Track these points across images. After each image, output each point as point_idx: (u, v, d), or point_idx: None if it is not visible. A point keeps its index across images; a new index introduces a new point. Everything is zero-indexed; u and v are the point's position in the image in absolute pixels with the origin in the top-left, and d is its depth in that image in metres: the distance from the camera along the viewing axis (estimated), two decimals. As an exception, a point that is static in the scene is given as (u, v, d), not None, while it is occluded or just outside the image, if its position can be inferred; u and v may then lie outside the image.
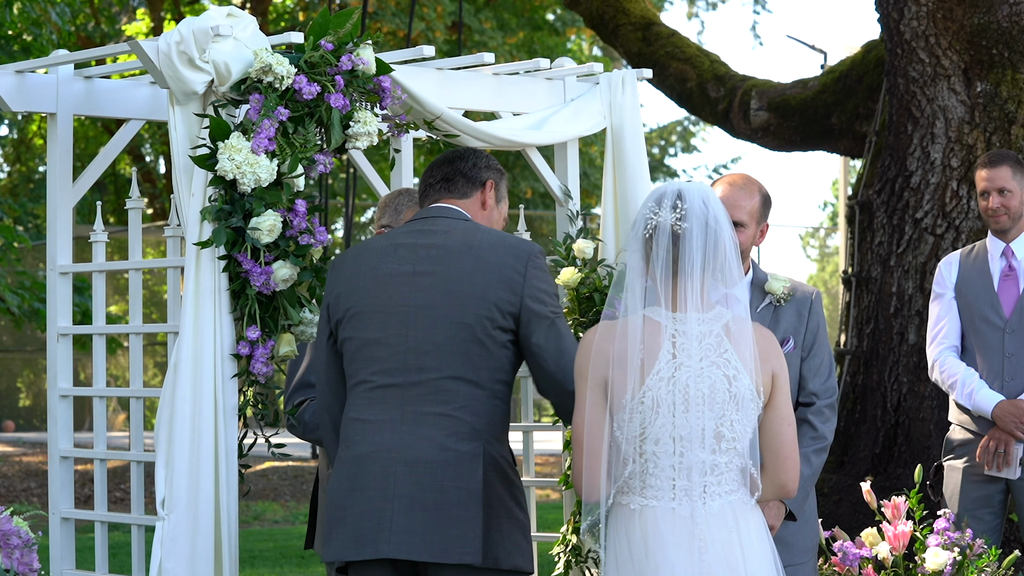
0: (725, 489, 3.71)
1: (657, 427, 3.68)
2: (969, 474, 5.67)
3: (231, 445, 4.74)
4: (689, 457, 3.68)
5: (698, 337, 3.71)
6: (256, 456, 5.40)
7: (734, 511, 3.72)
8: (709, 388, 3.68)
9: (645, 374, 3.69)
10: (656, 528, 3.69)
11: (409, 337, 4.16)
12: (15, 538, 4.84)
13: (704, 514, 3.68)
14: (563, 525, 5.67)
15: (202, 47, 4.68)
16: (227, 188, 4.68)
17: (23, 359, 27.45)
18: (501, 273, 4.17)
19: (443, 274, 4.18)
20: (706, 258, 3.71)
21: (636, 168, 5.72)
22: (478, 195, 4.41)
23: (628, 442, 3.71)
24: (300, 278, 4.73)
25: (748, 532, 3.72)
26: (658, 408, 3.68)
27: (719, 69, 9.84)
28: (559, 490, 5.68)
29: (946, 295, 5.82)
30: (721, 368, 3.70)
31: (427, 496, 4.06)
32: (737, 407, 3.70)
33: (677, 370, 3.69)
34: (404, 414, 4.12)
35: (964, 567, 4.85)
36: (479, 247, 4.22)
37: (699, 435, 3.68)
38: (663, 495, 3.69)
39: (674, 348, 3.71)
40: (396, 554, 4.05)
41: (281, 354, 4.71)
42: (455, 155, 4.47)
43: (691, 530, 3.67)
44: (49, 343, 5.42)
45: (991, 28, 7.32)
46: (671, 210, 3.72)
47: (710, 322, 3.73)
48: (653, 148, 26.97)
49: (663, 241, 3.72)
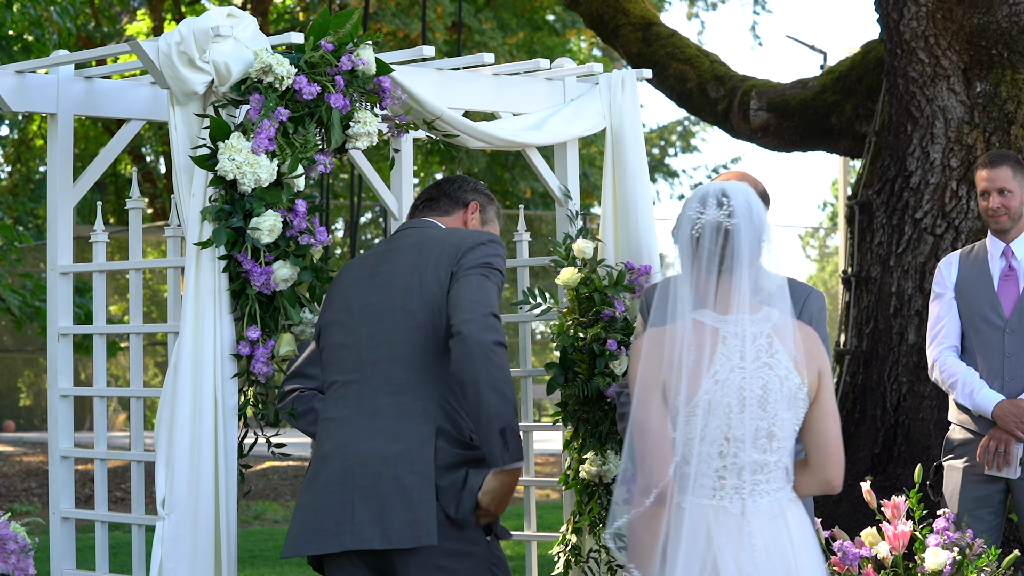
0: (773, 487, 3.73)
1: (712, 429, 3.70)
2: (969, 474, 5.67)
3: (231, 445, 4.75)
4: (742, 457, 3.70)
5: (750, 339, 3.73)
6: (256, 456, 5.40)
7: (781, 507, 3.74)
8: (762, 389, 3.70)
9: (700, 377, 3.70)
10: (708, 526, 3.70)
11: (363, 335, 4.29)
12: (12, 543, 4.85)
13: (754, 511, 3.70)
14: (563, 525, 5.67)
15: (202, 47, 4.68)
16: (227, 188, 4.69)
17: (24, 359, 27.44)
18: (440, 258, 4.26)
19: (391, 271, 4.32)
20: (752, 255, 3.73)
21: (636, 168, 5.72)
22: (460, 214, 4.54)
23: (685, 444, 3.71)
24: (300, 278, 4.73)
25: (796, 527, 3.75)
26: (713, 410, 3.69)
27: (719, 69, 9.84)
28: (559, 490, 5.69)
29: (946, 295, 5.82)
30: (773, 369, 3.72)
31: (384, 485, 4.12)
32: (788, 406, 3.72)
33: (731, 372, 3.70)
34: (361, 408, 4.24)
35: (964, 567, 4.85)
36: (427, 241, 4.34)
37: (752, 435, 3.70)
38: (714, 493, 3.71)
39: (728, 350, 3.72)
40: (357, 545, 4.12)
41: (281, 354, 4.71)
42: (444, 179, 4.63)
43: (741, 527, 3.69)
44: (49, 343, 5.42)
45: (991, 28, 7.32)
46: (717, 207, 3.74)
47: (760, 323, 3.75)
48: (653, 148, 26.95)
49: (711, 238, 3.73)
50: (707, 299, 3.75)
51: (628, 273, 5.60)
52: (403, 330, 4.23)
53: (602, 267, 5.64)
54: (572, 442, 5.61)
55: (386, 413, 4.20)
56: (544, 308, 5.65)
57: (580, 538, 5.61)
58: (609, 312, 5.51)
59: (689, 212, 3.76)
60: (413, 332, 4.22)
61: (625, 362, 5.52)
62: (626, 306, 5.58)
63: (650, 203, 5.75)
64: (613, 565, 5.56)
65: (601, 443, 5.52)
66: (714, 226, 3.72)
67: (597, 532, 5.57)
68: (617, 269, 5.63)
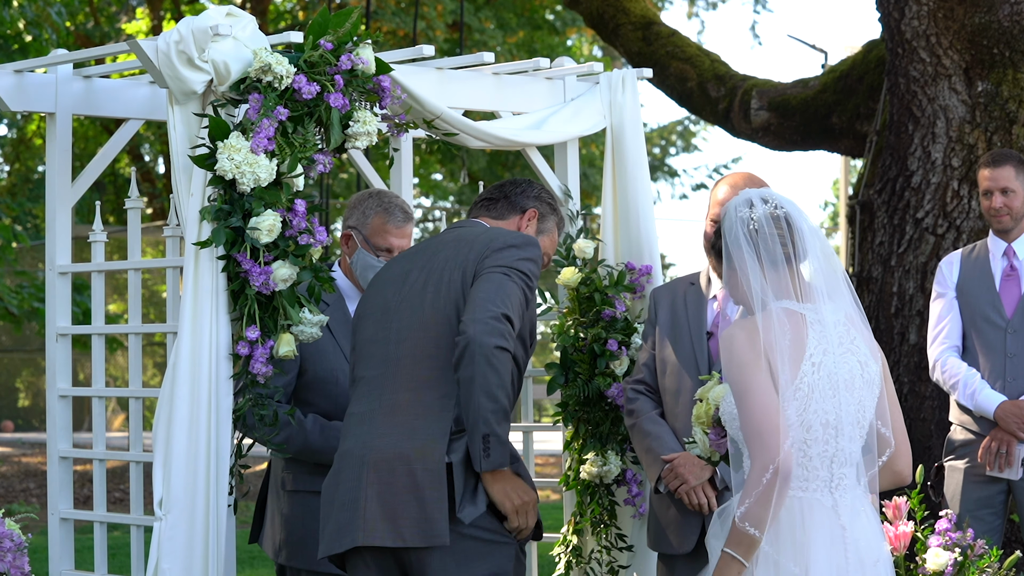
0: (849, 483, 3.76)
1: (811, 413, 3.72)
2: (970, 475, 5.66)
3: (224, 446, 4.72)
4: (833, 444, 3.73)
5: (833, 325, 3.77)
6: (256, 456, 5.38)
7: (863, 503, 3.78)
8: (848, 374, 3.75)
9: (800, 361, 3.72)
10: (804, 518, 3.71)
11: (392, 330, 4.25)
12: (7, 541, 4.83)
13: (844, 505, 3.73)
14: (563, 526, 5.66)
15: (201, 46, 4.67)
16: (226, 188, 4.67)
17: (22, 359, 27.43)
18: (468, 256, 4.21)
19: (426, 267, 4.28)
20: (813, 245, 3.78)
21: (636, 168, 5.71)
22: (515, 219, 4.45)
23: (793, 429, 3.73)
24: (300, 278, 4.72)
25: (876, 521, 3.80)
26: (811, 394, 3.72)
27: (719, 69, 9.82)
28: (559, 490, 5.67)
29: (947, 295, 5.81)
30: (855, 354, 3.78)
31: (398, 482, 4.08)
32: (870, 392, 3.78)
33: (824, 355, 3.74)
34: (382, 404, 4.19)
35: (965, 568, 4.83)
36: (465, 239, 4.28)
37: (844, 420, 3.73)
38: (808, 485, 3.73)
39: (817, 336, 3.75)
40: (368, 542, 4.08)
41: (280, 354, 4.70)
42: (510, 181, 4.55)
43: (835, 521, 3.71)
44: (48, 343, 5.41)
45: (992, 27, 7.31)
46: (763, 203, 3.79)
47: (836, 311, 3.80)
48: (653, 148, 26.93)
49: (772, 224, 3.77)
50: (787, 291, 3.78)
51: (628, 273, 5.58)
52: (428, 327, 4.19)
53: (602, 267, 5.62)
54: (572, 443, 5.60)
55: (405, 410, 4.15)
56: (545, 308, 5.64)
57: (581, 539, 5.59)
58: (610, 312, 5.50)
59: (739, 214, 3.79)
60: (438, 329, 4.18)
61: (626, 362, 5.50)
62: (627, 306, 5.56)
63: (651, 203, 5.74)
64: (615, 566, 5.55)
65: (602, 444, 5.51)
66: (770, 217, 3.76)
67: (598, 533, 5.56)
68: (618, 269, 5.62)
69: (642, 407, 5.15)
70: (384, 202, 5.02)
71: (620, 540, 5.56)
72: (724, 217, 3.84)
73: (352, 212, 5.05)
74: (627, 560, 5.59)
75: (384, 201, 5.02)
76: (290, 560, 4.90)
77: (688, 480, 4.90)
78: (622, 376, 5.48)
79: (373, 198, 5.05)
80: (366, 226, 4.99)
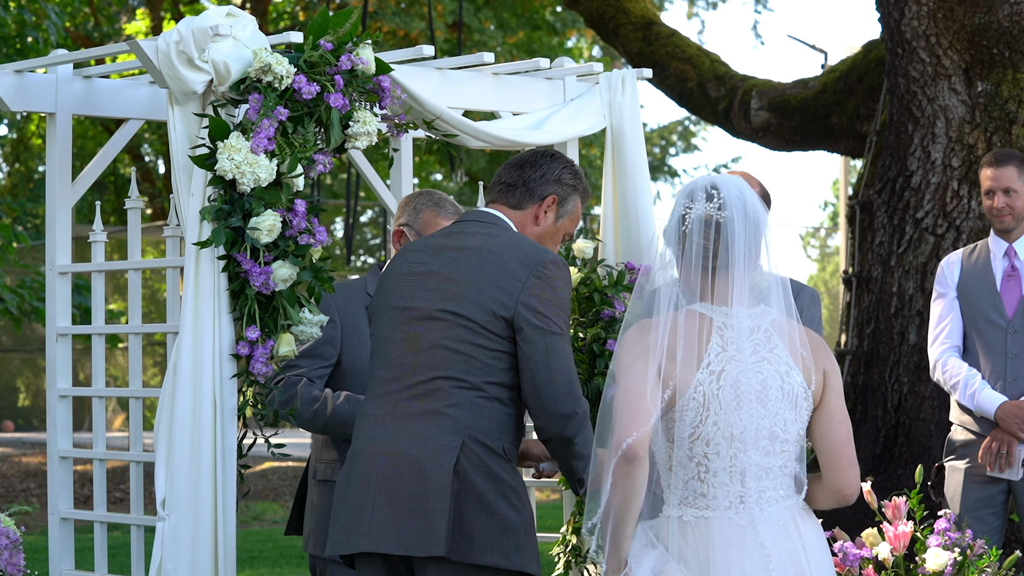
0: (780, 494, 3.53)
1: (709, 426, 3.49)
2: (971, 475, 5.66)
3: (230, 445, 4.73)
4: (743, 460, 3.49)
5: (748, 331, 3.53)
6: (256, 456, 5.38)
7: (793, 516, 3.55)
8: (761, 384, 3.50)
9: (695, 368, 3.49)
10: (715, 540, 3.49)
11: (409, 334, 4.17)
12: (3, 538, 4.82)
13: (764, 521, 3.50)
14: (563, 526, 5.66)
15: (201, 47, 4.67)
16: (226, 188, 4.67)
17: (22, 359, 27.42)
18: (502, 277, 4.12)
19: (448, 275, 4.17)
20: (748, 248, 3.53)
21: (636, 168, 5.71)
22: (533, 208, 4.33)
23: (679, 445, 3.51)
24: (300, 278, 4.71)
25: (809, 538, 3.56)
26: (708, 404, 3.48)
27: (719, 69, 9.83)
28: (559, 490, 5.67)
29: (948, 294, 5.80)
30: (772, 364, 3.52)
31: (405, 489, 4.05)
32: (791, 405, 3.52)
33: (728, 363, 3.50)
34: (396, 409, 4.14)
35: (965, 568, 4.83)
36: (490, 250, 4.18)
37: (753, 435, 3.49)
38: (717, 504, 3.50)
39: (723, 342, 3.52)
40: (372, 547, 4.06)
41: (281, 354, 4.70)
42: (531, 158, 4.38)
43: (753, 539, 3.49)
44: (48, 343, 5.41)
45: (992, 28, 7.31)
46: (706, 200, 3.54)
47: (758, 317, 3.56)
48: (653, 148, 26.93)
49: (701, 231, 3.53)
50: (702, 291, 3.56)
51: (628, 273, 5.58)
52: (448, 340, 4.11)
53: (602, 267, 5.63)
54: (572, 443, 5.59)
55: (418, 416, 4.10)
56: (544, 308, 5.63)
57: (580, 539, 5.59)
58: (609, 312, 5.50)
59: (677, 207, 3.57)
60: (460, 345, 4.10)
61: (626, 362, 5.50)
62: (626, 306, 5.57)
63: (650, 203, 5.74)
64: (613, 566, 5.55)
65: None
66: (703, 221, 3.54)
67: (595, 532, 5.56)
68: (617, 269, 5.62)
69: None
70: (435, 198, 5.05)
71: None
72: (674, 201, 3.63)
73: (404, 210, 5.05)
74: (627, 560, 5.59)
75: (435, 197, 5.05)
76: (316, 549, 4.91)
77: None
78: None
79: (424, 195, 5.07)
80: (418, 220, 4.99)
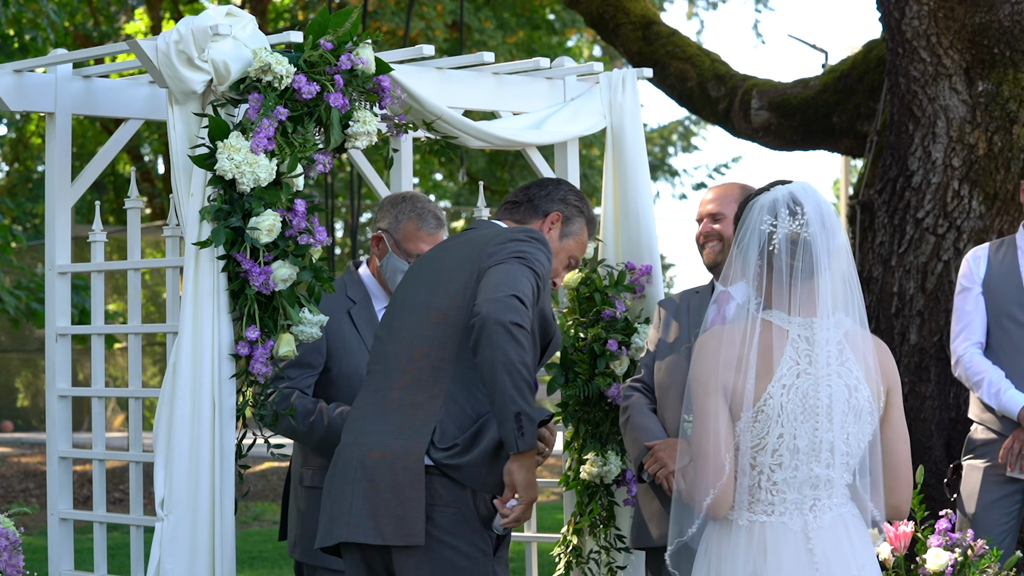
0: (836, 502, 3.56)
1: (774, 437, 3.51)
2: (990, 474, 5.60)
3: (228, 446, 4.72)
4: (804, 471, 3.52)
5: (822, 344, 3.54)
6: (256, 456, 5.38)
7: (845, 524, 3.57)
8: (829, 398, 3.52)
9: (767, 381, 3.51)
10: (767, 545, 3.52)
11: (393, 328, 4.25)
12: (3, 540, 4.80)
13: (816, 527, 3.53)
14: (563, 526, 5.65)
15: (201, 46, 4.66)
16: (226, 188, 4.67)
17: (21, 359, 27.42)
18: (478, 253, 4.14)
19: (434, 267, 4.25)
20: (828, 259, 3.55)
21: (636, 168, 5.71)
22: (537, 224, 4.35)
23: (742, 453, 3.53)
24: (299, 278, 4.71)
25: (861, 546, 3.58)
26: (778, 417, 3.51)
27: (719, 68, 9.82)
28: (559, 491, 5.67)
29: (974, 289, 5.72)
30: (843, 377, 3.54)
31: (383, 480, 4.08)
32: (856, 419, 3.55)
33: (799, 377, 3.52)
34: (376, 400, 4.19)
35: (965, 568, 4.83)
36: (476, 240, 4.23)
37: (817, 447, 3.51)
38: (773, 509, 3.54)
39: (796, 354, 3.53)
40: (352, 538, 4.10)
41: (280, 354, 4.69)
42: (538, 181, 4.44)
43: (805, 545, 3.52)
44: (48, 343, 5.41)
45: (993, 27, 7.31)
46: (790, 217, 3.55)
47: (832, 328, 3.56)
48: (654, 147, 26.92)
49: (788, 251, 3.53)
50: (779, 303, 3.56)
51: (629, 273, 5.58)
52: (423, 325, 4.16)
53: (603, 267, 5.62)
54: (573, 443, 5.60)
55: (396, 407, 4.15)
56: (544, 308, 5.62)
57: (581, 539, 5.59)
58: (610, 312, 5.50)
59: (760, 224, 3.56)
60: (432, 329, 4.15)
61: (626, 362, 5.50)
62: (627, 306, 5.56)
63: (651, 203, 5.74)
64: (614, 567, 5.55)
65: (602, 444, 5.51)
66: (789, 241, 3.54)
67: (598, 533, 5.56)
68: (618, 269, 5.61)
69: (635, 402, 5.12)
70: (418, 208, 4.99)
71: (619, 540, 5.56)
72: (746, 213, 3.62)
73: (385, 215, 5.03)
74: (626, 560, 5.59)
75: (418, 207, 4.99)
76: (303, 555, 4.92)
77: (667, 464, 4.83)
78: (622, 376, 5.48)
79: (407, 202, 5.02)
80: (398, 231, 4.97)
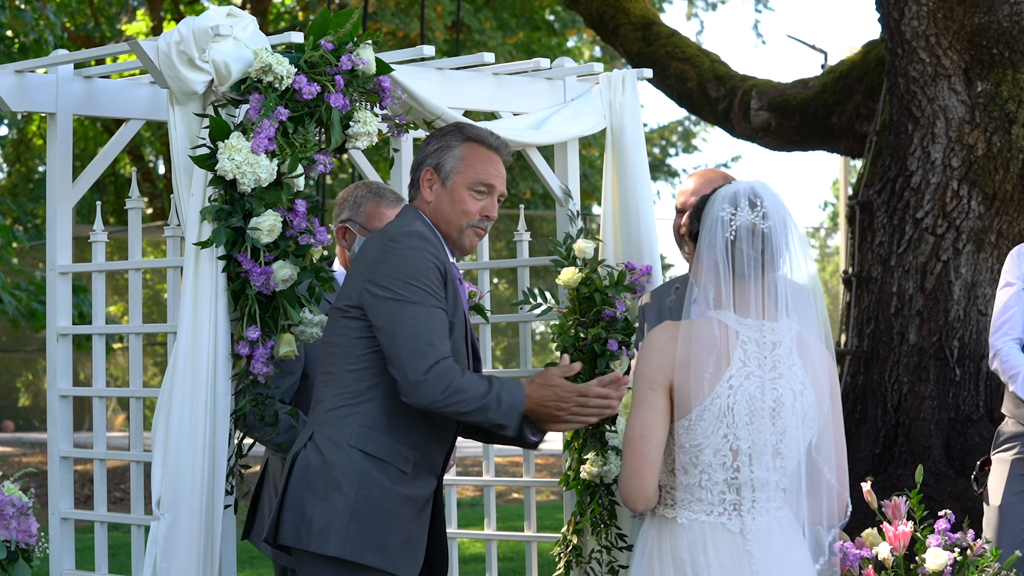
0: (773, 505, 3.57)
1: (718, 437, 3.51)
2: (1017, 466, 5.63)
3: (220, 445, 4.72)
4: (745, 472, 3.53)
5: (770, 346, 3.54)
6: (256, 457, 5.39)
7: (781, 527, 3.59)
8: (775, 401, 3.52)
9: (715, 381, 3.51)
10: (705, 543, 3.54)
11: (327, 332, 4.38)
12: (9, 507, 4.73)
13: (754, 529, 3.54)
14: (563, 525, 5.66)
15: (202, 47, 4.67)
16: (227, 188, 4.68)
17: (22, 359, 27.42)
18: (363, 261, 4.20)
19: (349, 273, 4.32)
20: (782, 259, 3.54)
21: (636, 168, 5.72)
22: (420, 192, 4.36)
23: (685, 452, 3.54)
24: (300, 278, 4.72)
25: (795, 551, 3.59)
26: (724, 418, 3.51)
27: (719, 69, 9.84)
28: (559, 491, 5.67)
29: (1017, 285, 5.72)
30: (789, 381, 3.54)
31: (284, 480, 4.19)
32: (799, 423, 3.54)
33: (746, 379, 3.52)
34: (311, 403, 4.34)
35: (964, 567, 4.84)
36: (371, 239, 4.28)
37: (759, 450, 3.52)
38: (712, 509, 3.55)
39: (745, 356, 3.53)
40: (262, 537, 4.30)
41: (281, 354, 4.70)
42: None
43: (742, 546, 3.53)
44: (49, 343, 5.41)
45: (992, 28, 7.32)
46: (750, 208, 3.54)
47: (781, 332, 3.56)
48: (653, 148, 26.94)
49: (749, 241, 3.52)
50: (727, 302, 3.55)
51: (629, 273, 5.58)
52: (329, 335, 4.27)
53: (603, 267, 5.63)
54: (573, 442, 5.60)
55: (312, 409, 4.27)
56: (544, 308, 5.63)
57: (581, 539, 5.60)
58: (610, 312, 5.50)
59: (720, 212, 3.55)
60: (332, 338, 4.24)
61: (626, 362, 5.51)
62: (627, 306, 5.57)
63: (651, 203, 5.74)
64: (615, 566, 5.56)
65: (602, 444, 5.51)
66: (749, 231, 3.52)
67: (598, 533, 5.56)
68: (618, 269, 5.62)
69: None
70: (373, 188, 5.11)
71: (620, 540, 5.56)
72: (708, 206, 3.61)
73: (343, 207, 5.10)
74: (627, 560, 5.59)
75: (373, 188, 5.11)
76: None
77: None
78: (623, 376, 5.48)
79: (360, 188, 5.12)
80: (360, 214, 5.03)
